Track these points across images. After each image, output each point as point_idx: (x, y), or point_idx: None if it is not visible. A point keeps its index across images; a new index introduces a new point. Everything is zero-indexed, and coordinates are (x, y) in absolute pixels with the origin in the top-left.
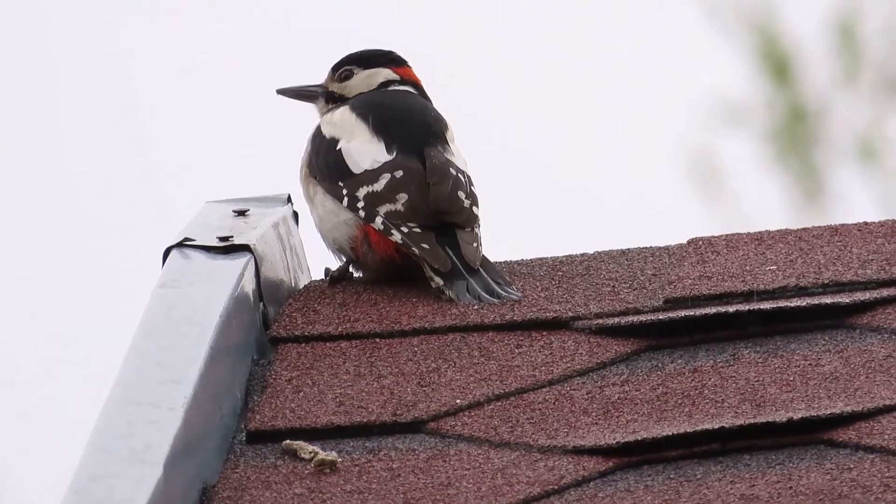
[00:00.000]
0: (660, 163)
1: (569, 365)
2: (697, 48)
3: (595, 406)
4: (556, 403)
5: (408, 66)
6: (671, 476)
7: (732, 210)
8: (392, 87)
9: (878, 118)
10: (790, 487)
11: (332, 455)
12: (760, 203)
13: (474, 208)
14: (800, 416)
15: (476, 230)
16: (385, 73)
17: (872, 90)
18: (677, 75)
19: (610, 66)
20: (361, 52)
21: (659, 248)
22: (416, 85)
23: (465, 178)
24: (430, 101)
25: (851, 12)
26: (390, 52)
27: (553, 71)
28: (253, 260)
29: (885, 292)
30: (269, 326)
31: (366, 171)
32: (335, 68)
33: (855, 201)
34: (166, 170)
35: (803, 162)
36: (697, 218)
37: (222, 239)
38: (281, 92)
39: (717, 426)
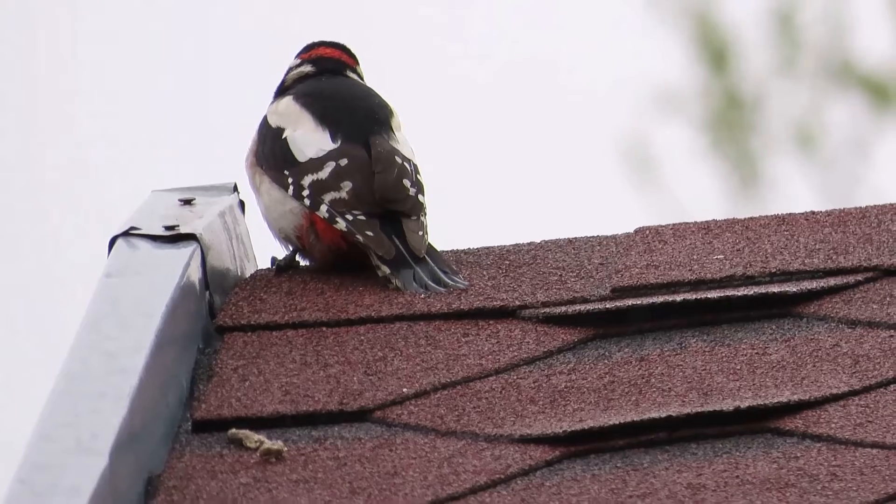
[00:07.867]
0: (594, 149)
1: (515, 353)
2: (634, 35)
3: (542, 395)
4: (503, 392)
5: (357, 63)
6: (618, 465)
7: (668, 197)
8: (340, 75)
9: (815, 106)
10: (737, 476)
11: (277, 444)
12: (696, 190)
13: (420, 196)
14: (747, 404)
15: (422, 219)
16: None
17: (810, 78)
18: (614, 62)
19: (546, 52)
20: (313, 42)
21: (606, 237)
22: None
23: (410, 166)
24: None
25: (789, 0)
26: (343, 45)
27: (489, 56)
28: (199, 249)
29: (831, 281)
30: (215, 315)
31: (311, 159)
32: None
33: (792, 189)
34: (112, 159)
35: (740, 149)
36: (633, 205)
37: (168, 228)
38: None
39: (664, 415)
